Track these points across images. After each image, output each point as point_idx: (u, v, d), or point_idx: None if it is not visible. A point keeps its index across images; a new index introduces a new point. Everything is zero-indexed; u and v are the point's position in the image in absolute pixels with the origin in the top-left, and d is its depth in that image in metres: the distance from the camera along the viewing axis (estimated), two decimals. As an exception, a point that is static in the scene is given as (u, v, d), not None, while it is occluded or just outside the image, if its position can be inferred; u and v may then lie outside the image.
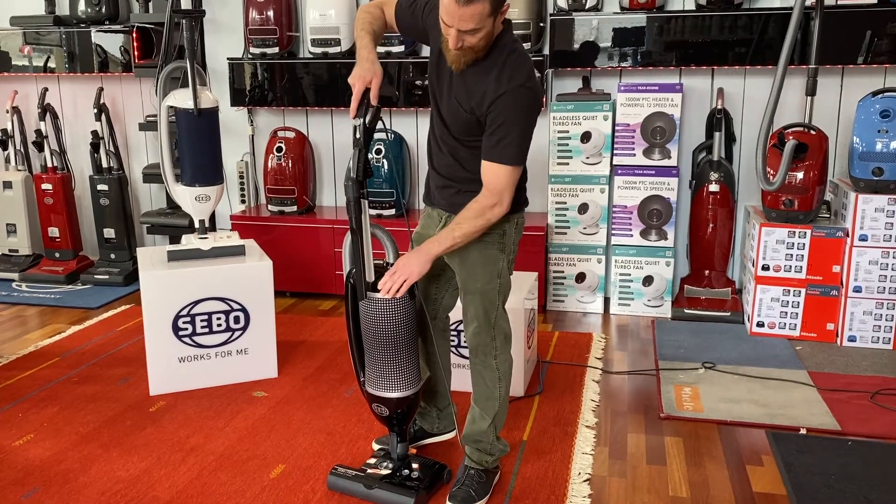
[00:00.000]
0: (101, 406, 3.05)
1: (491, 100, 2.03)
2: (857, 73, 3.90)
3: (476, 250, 2.22)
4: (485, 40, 1.99)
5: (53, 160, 4.84)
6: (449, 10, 1.91)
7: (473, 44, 1.98)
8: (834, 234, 3.54)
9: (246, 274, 3.21)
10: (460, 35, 1.95)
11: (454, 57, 2.04)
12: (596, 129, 3.99)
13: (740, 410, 2.90)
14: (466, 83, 2.09)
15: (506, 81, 2.03)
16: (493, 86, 2.03)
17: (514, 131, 2.04)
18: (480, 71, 2.06)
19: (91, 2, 4.69)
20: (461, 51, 2.00)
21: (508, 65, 2.04)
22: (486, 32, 1.96)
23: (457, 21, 1.91)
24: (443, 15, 1.94)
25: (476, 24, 1.91)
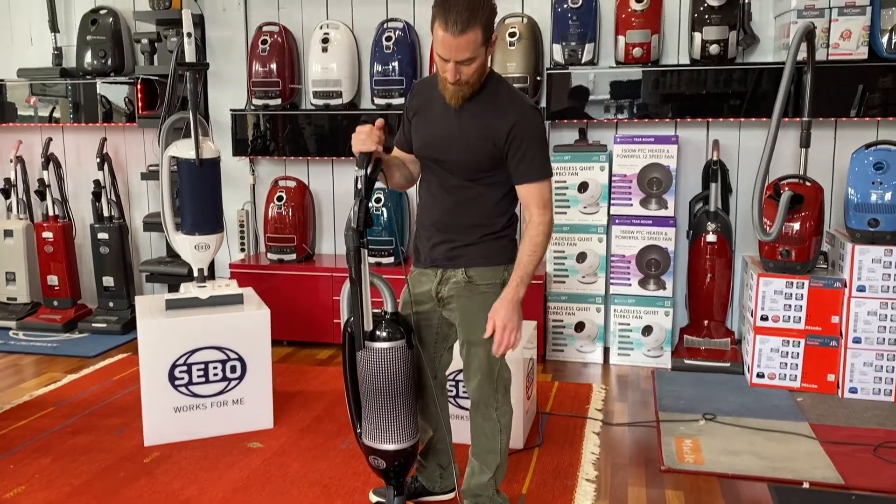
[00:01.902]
0: (94, 457, 3.01)
1: (509, 127, 2.12)
2: (849, 126, 3.96)
3: (477, 302, 2.23)
4: (479, 71, 2.08)
5: (55, 209, 4.87)
6: (445, 43, 2.01)
7: (469, 75, 2.06)
8: (832, 285, 3.54)
9: (243, 323, 3.20)
10: (457, 67, 2.03)
11: (452, 92, 2.11)
12: (593, 179, 4.03)
13: (742, 463, 2.86)
14: (476, 118, 2.15)
15: (516, 107, 2.14)
16: (506, 114, 2.13)
17: (536, 148, 2.15)
18: (484, 103, 2.15)
19: (98, 54, 4.78)
20: (458, 85, 2.08)
21: (507, 93, 2.18)
22: (479, 63, 2.06)
23: (453, 52, 2.00)
24: (439, 50, 2.03)
25: (471, 52, 2.01)
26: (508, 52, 4.08)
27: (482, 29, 1.99)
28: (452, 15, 1.96)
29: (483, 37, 2.01)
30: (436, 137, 2.21)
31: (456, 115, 2.17)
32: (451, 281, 2.26)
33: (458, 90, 2.10)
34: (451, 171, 2.21)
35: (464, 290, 2.24)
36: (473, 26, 1.97)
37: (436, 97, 2.20)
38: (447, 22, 1.96)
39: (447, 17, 1.96)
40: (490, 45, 2.05)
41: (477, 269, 2.24)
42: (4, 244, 4.90)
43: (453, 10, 1.96)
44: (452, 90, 2.10)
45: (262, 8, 4.64)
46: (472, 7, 1.97)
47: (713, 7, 3.85)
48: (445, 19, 1.97)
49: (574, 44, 4.03)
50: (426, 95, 2.24)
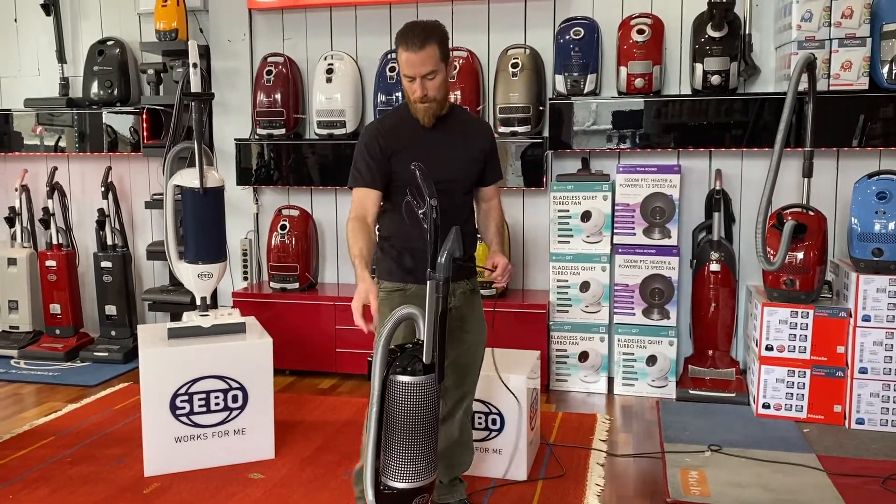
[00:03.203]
0: (94, 488, 2.98)
1: (489, 142, 2.52)
2: (852, 156, 3.97)
3: (479, 308, 2.54)
4: (442, 87, 2.33)
5: (59, 237, 4.89)
6: (409, 62, 2.27)
7: (435, 90, 2.30)
8: (837, 315, 3.53)
9: (245, 352, 3.19)
10: (423, 82, 2.27)
11: (424, 111, 2.33)
12: (596, 208, 4.04)
13: (749, 495, 2.82)
14: (464, 137, 2.43)
15: (484, 125, 2.68)
16: (483, 132, 2.53)
17: (497, 155, 2.58)
18: (458, 123, 2.45)
19: (104, 84, 4.83)
20: (427, 102, 2.31)
21: (469, 115, 2.65)
22: (441, 78, 2.31)
23: (417, 68, 2.26)
24: (405, 71, 2.29)
25: (433, 65, 2.27)
26: (511, 83, 4.11)
27: (439, 45, 2.27)
28: (410, 36, 2.26)
29: (441, 52, 2.28)
30: (436, 161, 2.32)
31: (440, 137, 2.38)
32: (458, 292, 2.41)
33: (428, 108, 2.32)
34: (455, 189, 2.39)
35: (470, 299, 2.49)
36: (431, 42, 2.25)
37: (408, 130, 2.37)
38: (407, 43, 2.25)
39: (407, 39, 2.26)
40: (448, 63, 2.33)
41: (472, 279, 2.52)
42: (8, 272, 4.91)
43: (411, 33, 2.26)
44: (423, 108, 2.33)
45: (267, 39, 4.70)
46: (427, 28, 2.28)
47: (714, 38, 3.88)
48: (406, 41, 2.26)
49: (576, 74, 4.06)
50: (397, 132, 2.38)
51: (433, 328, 2.11)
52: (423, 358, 2.11)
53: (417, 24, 2.30)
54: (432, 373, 2.11)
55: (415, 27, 2.29)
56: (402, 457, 2.12)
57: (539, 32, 4.31)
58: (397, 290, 2.41)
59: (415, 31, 2.27)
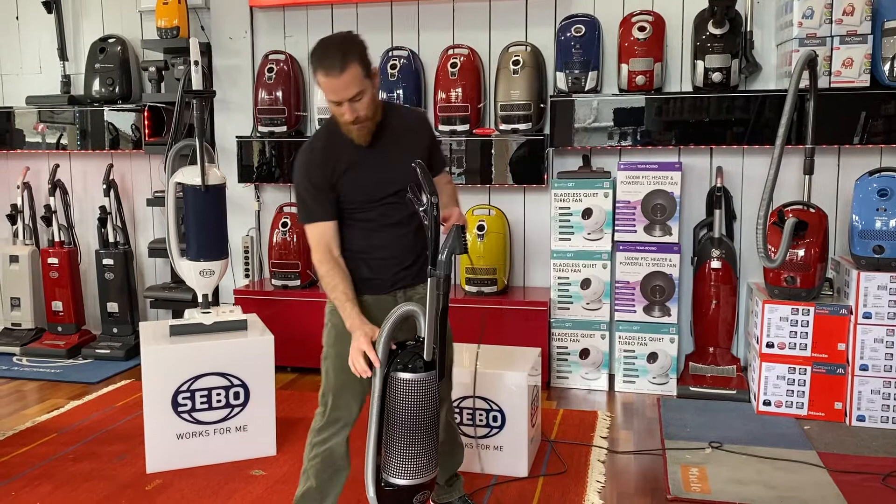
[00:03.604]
0: (96, 485, 2.99)
1: (429, 135, 2.42)
2: (853, 153, 3.97)
3: None
4: (372, 104, 2.19)
5: (61, 235, 4.89)
6: (331, 87, 2.12)
7: (365, 109, 2.16)
8: (838, 312, 3.53)
9: (247, 349, 3.20)
10: (351, 105, 2.13)
11: (358, 132, 2.20)
12: (597, 205, 4.04)
13: (749, 492, 2.82)
14: (405, 142, 2.30)
15: (420, 117, 2.50)
16: (420, 126, 2.41)
17: (437, 142, 2.50)
18: (396, 127, 2.30)
19: (105, 82, 4.83)
20: (359, 123, 2.18)
21: (404, 111, 2.51)
22: (369, 95, 2.16)
23: (341, 92, 2.11)
24: (329, 96, 2.14)
25: (357, 87, 2.11)
26: (512, 80, 4.11)
27: (359, 63, 2.11)
28: (328, 60, 2.09)
29: (363, 70, 2.12)
30: (384, 178, 2.25)
31: (381, 149, 2.26)
32: (416, 298, 2.33)
33: (361, 128, 2.19)
34: (398, 188, 2.25)
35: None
36: (350, 63, 2.08)
37: (344, 150, 2.23)
38: (326, 68, 2.09)
39: (324, 63, 2.09)
40: (373, 76, 2.17)
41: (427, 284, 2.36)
42: (10, 270, 4.92)
43: (328, 56, 2.09)
44: (357, 130, 2.19)
45: (269, 37, 4.70)
46: (343, 48, 2.11)
47: (715, 35, 3.88)
48: (323, 66, 2.09)
49: (577, 72, 4.06)
50: (333, 155, 2.24)
51: (434, 325, 2.11)
52: (424, 355, 2.11)
53: (332, 44, 2.13)
54: (433, 370, 2.12)
55: (329, 48, 2.12)
56: (403, 454, 2.13)
57: (540, 30, 4.30)
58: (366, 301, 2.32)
59: (331, 54, 2.10)
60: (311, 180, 2.24)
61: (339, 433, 2.34)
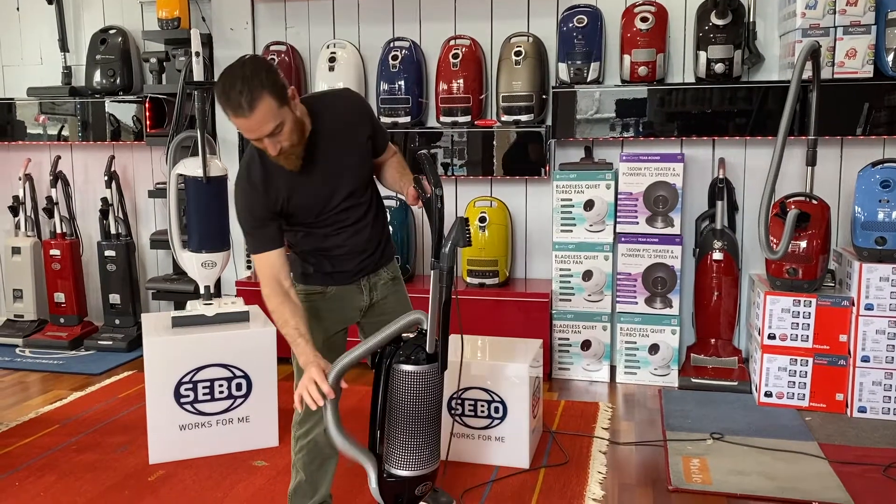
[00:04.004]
0: (99, 475, 3.00)
1: (364, 113, 2.24)
2: (856, 144, 3.96)
3: (404, 295, 2.44)
4: (296, 131, 2.00)
5: (63, 226, 4.90)
6: (244, 127, 1.94)
7: (287, 140, 1.99)
8: (839, 304, 3.53)
9: (249, 340, 3.20)
10: (272, 140, 1.97)
11: (287, 162, 2.05)
12: (599, 197, 4.04)
13: (751, 483, 2.83)
14: (340, 141, 2.16)
15: (349, 104, 2.24)
16: (352, 111, 2.21)
17: (377, 119, 2.35)
18: (329, 129, 2.14)
19: (106, 73, 4.83)
20: (286, 153, 2.02)
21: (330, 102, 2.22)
22: (291, 123, 1.98)
23: (257, 130, 1.94)
24: (245, 135, 1.98)
25: (273, 120, 1.92)
26: (514, 71, 4.10)
27: (270, 94, 1.90)
28: (234, 99, 1.88)
29: (276, 100, 1.91)
30: (329, 192, 2.18)
31: (321, 160, 2.13)
32: (380, 284, 2.36)
33: (288, 157, 2.04)
34: (359, 196, 2.24)
35: (391, 288, 2.39)
36: (259, 97, 1.88)
37: (283, 176, 2.11)
38: (233, 108, 1.90)
39: (230, 103, 1.90)
40: (290, 100, 1.97)
41: (391, 265, 2.41)
42: (12, 261, 4.92)
43: (233, 94, 1.88)
44: (284, 159, 2.04)
45: (270, 27, 4.68)
46: (248, 81, 1.88)
47: (718, 26, 3.87)
48: (231, 106, 1.90)
49: (580, 62, 4.05)
50: (272, 182, 2.11)
51: (436, 318, 2.12)
52: (427, 347, 2.12)
53: (235, 80, 1.88)
54: (435, 362, 2.12)
55: (234, 86, 1.88)
56: (405, 445, 2.13)
57: (542, 20, 4.29)
58: (316, 292, 2.31)
59: (237, 92, 1.87)
60: (253, 214, 2.13)
61: (320, 422, 2.32)
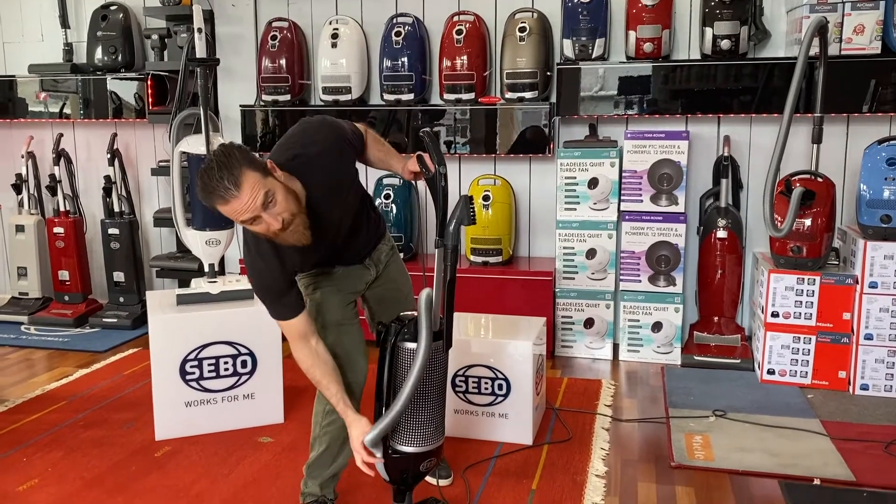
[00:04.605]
0: (106, 451, 3.03)
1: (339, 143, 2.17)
2: (862, 122, 3.93)
3: (402, 263, 2.55)
4: (291, 198, 1.94)
5: (66, 204, 4.90)
6: (237, 210, 1.88)
7: (286, 210, 1.93)
8: (843, 282, 3.53)
9: (254, 318, 3.21)
10: (270, 214, 1.90)
11: (293, 237, 1.99)
12: (603, 175, 4.02)
13: (752, 460, 2.85)
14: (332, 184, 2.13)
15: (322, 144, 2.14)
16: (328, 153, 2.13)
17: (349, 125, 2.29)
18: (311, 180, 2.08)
19: (108, 50, 4.80)
20: (291, 226, 1.96)
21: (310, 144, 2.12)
22: (282, 191, 1.92)
23: (251, 209, 1.88)
24: (242, 219, 1.91)
25: (262, 189, 1.87)
26: (519, 48, 4.07)
27: (250, 167, 1.87)
28: (217, 186, 1.84)
29: (259, 172, 1.88)
30: (337, 235, 2.21)
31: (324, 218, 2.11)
32: (382, 255, 2.44)
33: (295, 229, 1.97)
34: (357, 212, 2.28)
35: (391, 255, 2.48)
36: (241, 173, 1.85)
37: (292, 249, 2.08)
38: (221, 195, 1.85)
39: (217, 192, 1.85)
40: (272, 171, 1.93)
41: (385, 237, 2.48)
42: (16, 239, 4.93)
43: (215, 182, 1.84)
44: (292, 234, 1.98)
45: (272, 3, 4.64)
46: (224, 164, 1.85)
47: (724, 2, 3.83)
48: (218, 195, 1.85)
49: (584, 39, 4.02)
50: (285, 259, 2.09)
51: (441, 296, 2.12)
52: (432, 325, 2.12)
53: (213, 171, 1.85)
54: (440, 340, 2.13)
55: (212, 175, 1.84)
56: (410, 422, 2.15)
57: (547, -4, 4.25)
58: (322, 273, 2.34)
59: (217, 179, 1.84)
60: (272, 291, 2.12)
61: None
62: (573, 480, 2.73)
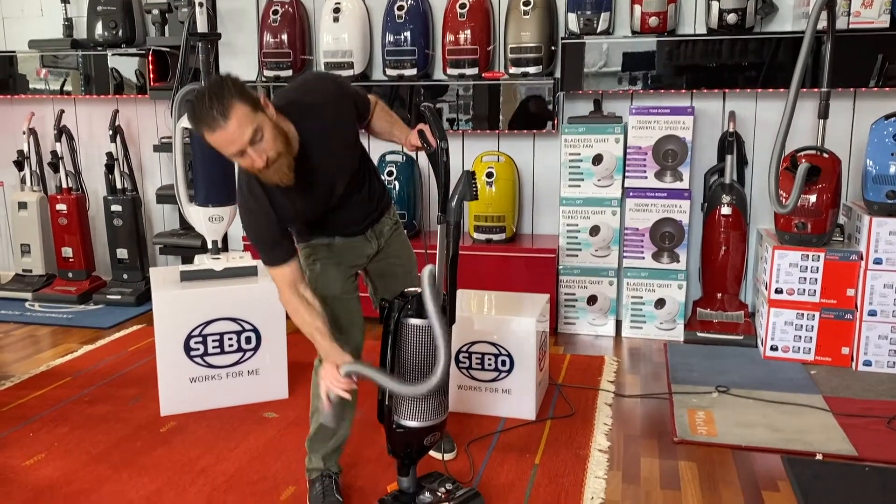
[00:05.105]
0: (111, 426, 3.04)
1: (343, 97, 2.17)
2: (869, 97, 3.90)
3: (405, 237, 2.52)
4: (280, 138, 1.93)
5: (68, 181, 4.89)
6: (224, 140, 1.86)
7: (272, 150, 1.91)
8: (848, 258, 3.52)
9: (258, 295, 3.21)
10: (256, 149, 1.89)
11: (276, 175, 1.97)
12: (607, 151, 4.00)
13: (755, 435, 2.86)
14: (328, 136, 2.11)
15: (326, 90, 2.15)
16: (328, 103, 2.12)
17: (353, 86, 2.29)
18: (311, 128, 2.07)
19: (108, 25, 4.76)
20: (275, 164, 1.94)
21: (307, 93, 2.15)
22: (271, 129, 1.90)
23: (238, 141, 1.86)
24: (228, 151, 1.90)
25: (252, 125, 1.86)
26: (523, 22, 4.02)
27: (241, 100, 1.85)
28: (206, 115, 1.83)
29: (249, 105, 1.86)
30: (330, 190, 2.18)
31: (314, 166, 2.09)
32: (385, 228, 2.41)
33: (278, 169, 1.95)
34: (356, 176, 2.26)
35: (394, 229, 2.46)
36: (231, 105, 1.83)
37: (281, 192, 2.08)
38: (208, 124, 1.84)
39: (205, 121, 1.84)
40: (265, 108, 1.92)
41: (390, 211, 2.45)
42: (19, 216, 4.93)
43: (205, 111, 1.84)
44: (275, 172, 1.96)
45: (273, -23, 4.59)
46: (216, 93, 1.84)
47: (731, -25, 3.78)
48: (206, 124, 1.84)
49: (589, 13, 3.97)
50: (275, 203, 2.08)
51: (443, 272, 2.12)
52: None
53: (203, 99, 1.84)
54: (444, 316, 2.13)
55: (203, 103, 1.84)
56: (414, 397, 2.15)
57: (551, -31, 4.19)
58: (322, 244, 2.33)
59: (207, 108, 1.83)
60: (263, 232, 2.11)
61: None
62: (576, 455, 2.74)
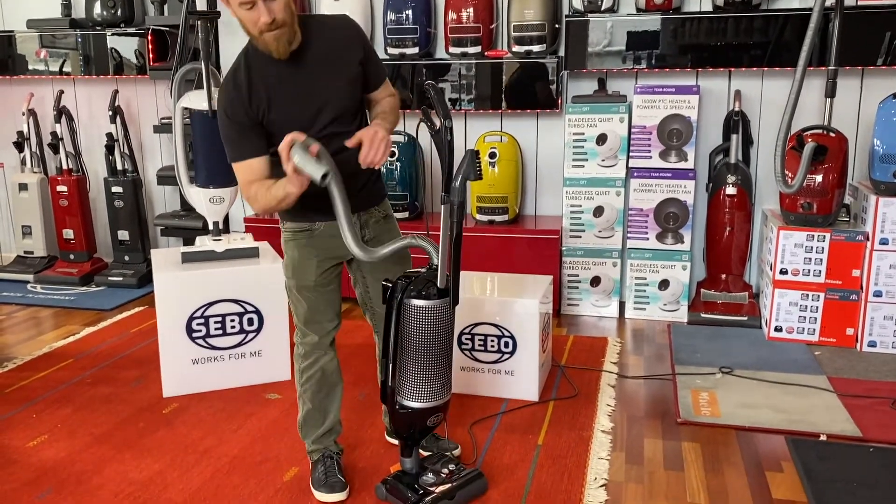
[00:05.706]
0: (114, 407, 3.05)
1: (359, 37, 2.19)
2: (877, 75, 3.85)
3: (395, 227, 2.40)
4: (288, 10, 2.01)
5: (68, 162, 4.86)
6: None
7: (281, 12, 1.98)
8: (854, 238, 3.49)
9: (260, 276, 3.20)
10: (267, 5, 1.95)
11: (275, 41, 2.01)
12: (612, 131, 3.96)
13: (759, 416, 2.85)
14: (329, 55, 2.13)
15: (346, 25, 2.20)
16: (346, 31, 2.18)
17: (374, 50, 2.28)
18: (319, 40, 2.12)
19: (107, 4, 4.71)
20: (276, 29, 1.99)
21: (326, 21, 2.25)
22: None
23: None
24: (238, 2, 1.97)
25: None
26: None
27: None
28: None
29: None
30: (313, 102, 2.12)
31: (307, 67, 2.10)
32: (372, 222, 2.32)
33: (279, 35, 2.00)
34: (346, 124, 2.17)
35: (384, 226, 2.35)
36: None
37: (266, 75, 2.09)
38: None
39: None
40: None
41: (382, 204, 2.36)
42: (20, 197, 4.91)
43: None
44: (273, 38, 2.00)
45: (273, -45, 4.52)
46: None
47: (738, -49, 3.72)
48: None
49: (594, -10, 3.92)
50: (255, 84, 2.10)
51: (447, 252, 2.10)
52: (438, 282, 2.11)
53: None
54: (446, 297, 2.12)
55: None
56: (417, 378, 2.15)
57: (555, -54, 4.13)
58: (303, 230, 2.27)
59: None
60: (232, 118, 2.10)
61: (325, 352, 2.38)
62: (579, 436, 2.74)
